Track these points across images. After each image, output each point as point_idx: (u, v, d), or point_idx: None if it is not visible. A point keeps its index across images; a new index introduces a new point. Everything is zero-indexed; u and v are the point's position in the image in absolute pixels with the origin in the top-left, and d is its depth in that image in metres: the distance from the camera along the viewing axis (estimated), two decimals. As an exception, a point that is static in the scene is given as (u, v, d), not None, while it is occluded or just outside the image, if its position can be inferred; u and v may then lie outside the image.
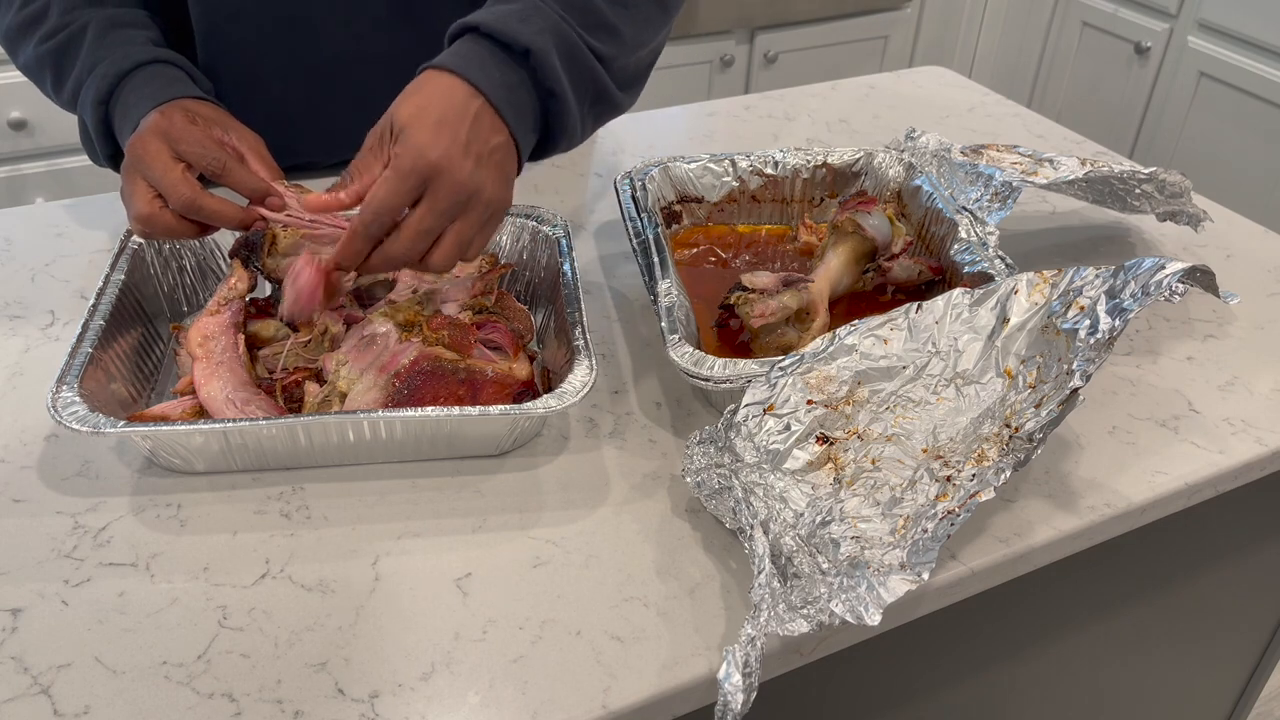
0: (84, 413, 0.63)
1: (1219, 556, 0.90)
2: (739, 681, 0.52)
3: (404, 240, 0.68)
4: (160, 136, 0.74)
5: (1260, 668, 1.09)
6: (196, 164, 0.74)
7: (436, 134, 0.67)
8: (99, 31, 0.84)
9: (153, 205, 0.73)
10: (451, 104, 0.69)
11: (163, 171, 0.72)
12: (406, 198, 0.67)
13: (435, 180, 0.67)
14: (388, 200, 0.67)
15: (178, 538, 0.63)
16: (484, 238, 0.71)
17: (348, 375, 0.69)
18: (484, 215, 0.70)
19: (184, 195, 0.72)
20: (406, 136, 0.67)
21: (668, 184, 0.92)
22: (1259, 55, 2.12)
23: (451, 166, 0.67)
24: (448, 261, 0.69)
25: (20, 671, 0.55)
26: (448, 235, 0.69)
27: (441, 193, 0.67)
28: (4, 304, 0.83)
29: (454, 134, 0.67)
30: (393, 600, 0.60)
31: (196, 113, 0.77)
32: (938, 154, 0.92)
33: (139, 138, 0.74)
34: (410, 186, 0.67)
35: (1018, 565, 0.66)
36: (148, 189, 0.73)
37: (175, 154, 0.73)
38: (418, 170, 0.66)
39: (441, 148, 0.67)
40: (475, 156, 0.68)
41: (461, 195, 0.67)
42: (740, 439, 0.65)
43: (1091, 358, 0.63)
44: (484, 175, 0.69)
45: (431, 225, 0.68)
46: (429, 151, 0.66)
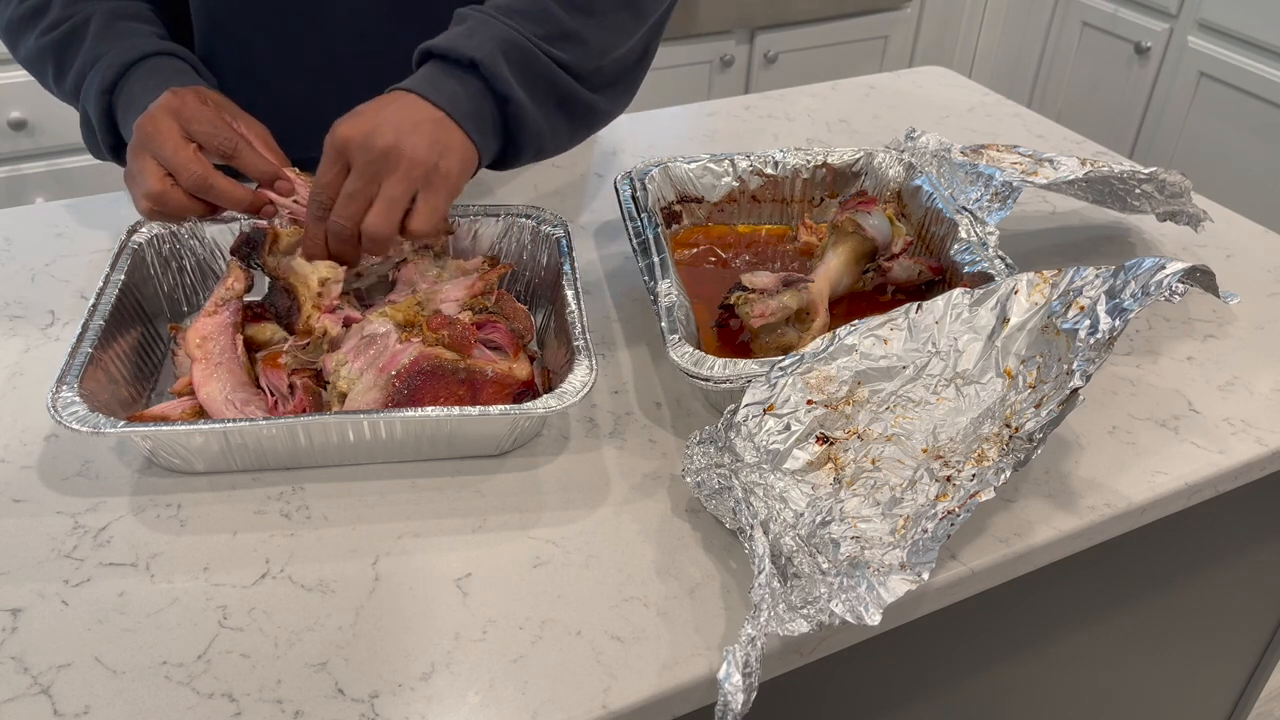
0: (84, 413, 0.63)
1: (1219, 556, 0.90)
2: (739, 681, 0.52)
3: (337, 207, 0.73)
4: (172, 115, 0.75)
5: (1260, 668, 1.09)
6: (207, 144, 0.76)
7: (357, 117, 0.73)
8: (103, 23, 0.85)
9: (164, 183, 0.75)
10: (385, 100, 0.75)
11: (174, 149, 0.75)
12: (335, 168, 0.73)
13: (348, 148, 0.72)
14: (319, 180, 0.73)
15: (178, 538, 0.63)
16: (427, 205, 0.73)
17: (348, 375, 0.69)
18: (411, 176, 0.72)
19: (195, 173, 0.75)
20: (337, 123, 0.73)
21: (668, 184, 0.92)
22: (1259, 55, 2.12)
23: (361, 132, 0.72)
24: (380, 223, 0.72)
25: (20, 671, 0.55)
26: (379, 198, 0.72)
27: (357, 157, 0.72)
28: (4, 304, 0.83)
29: (374, 114, 0.73)
30: (393, 600, 0.60)
31: (207, 96, 0.79)
32: (938, 154, 0.92)
33: (150, 116, 0.75)
34: (330, 160, 0.73)
35: (1018, 565, 0.66)
36: (157, 167, 0.75)
37: (186, 133, 0.75)
38: (334, 144, 0.72)
39: (354, 124, 0.73)
40: (393, 126, 0.72)
41: (374, 154, 0.71)
42: (740, 439, 0.65)
43: (1091, 358, 0.63)
44: (405, 140, 0.72)
45: (354, 187, 0.72)
46: (342, 124, 0.73)
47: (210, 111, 0.77)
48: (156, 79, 0.82)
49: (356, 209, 0.73)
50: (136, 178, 0.76)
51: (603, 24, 0.85)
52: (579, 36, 0.83)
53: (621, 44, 0.88)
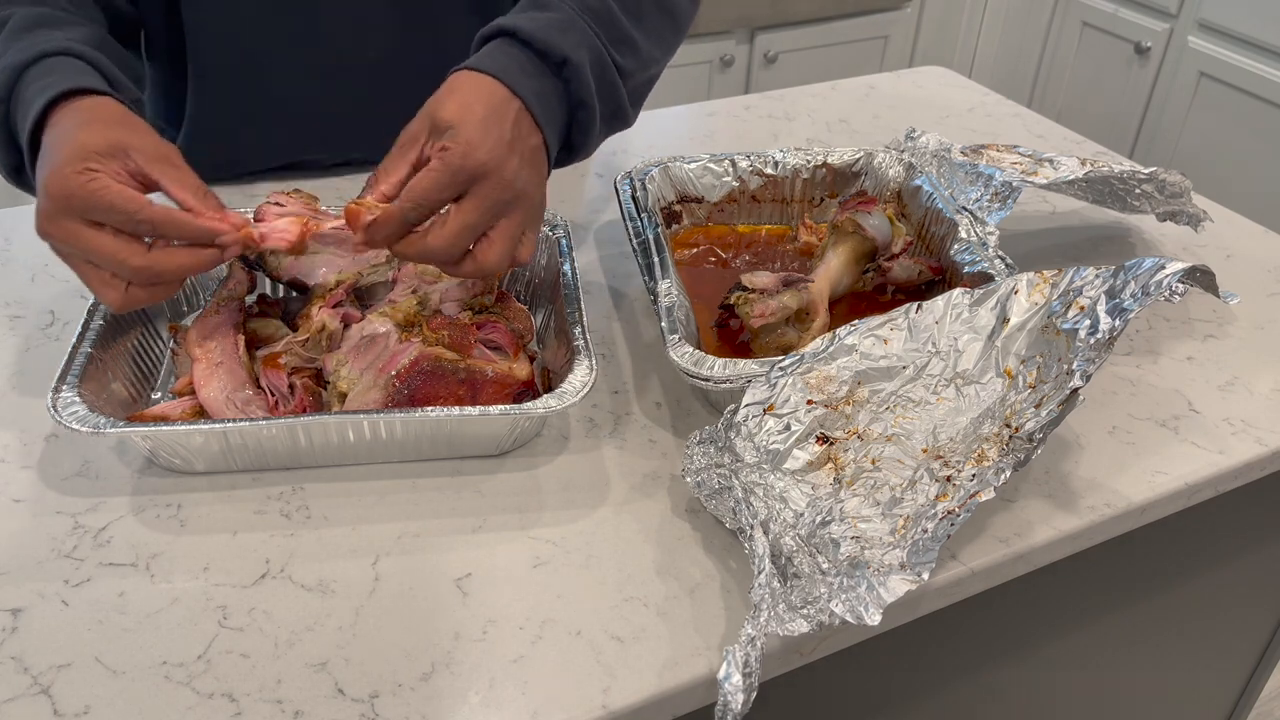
0: (84, 413, 0.63)
1: (1219, 556, 0.90)
2: (739, 681, 0.52)
3: (448, 233, 0.66)
4: (64, 212, 0.62)
5: (1260, 668, 1.09)
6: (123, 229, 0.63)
7: (484, 132, 0.66)
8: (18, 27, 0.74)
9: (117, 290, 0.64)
10: (493, 104, 0.68)
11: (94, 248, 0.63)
12: (451, 192, 0.66)
13: (483, 178, 0.66)
14: (430, 192, 0.66)
15: (178, 538, 0.63)
16: (532, 237, 0.70)
17: (348, 375, 0.69)
18: (528, 215, 0.69)
19: (134, 267, 0.63)
20: (455, 134, 0.66)
21: (668, 184, 0.92)
22: (1259, 55, 2.12)
23: (500, 165, 0.66)
24: (503, 260, 0.68)
25: (20, 671, 0.55)
26: (496, 233, 0.68)
27: (488, 189, 0.66)
28: (4, 304, 0.83)
29: (500, 133, 0.67)
30: (393, 600, 0.60)
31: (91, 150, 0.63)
32: (938, 154, 0.92)
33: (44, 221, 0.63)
34: (458, 181, 0.66)
35: (1018, 565, 0.66)
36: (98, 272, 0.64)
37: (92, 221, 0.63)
38: (467, 168, 0.65)
39: (489, 146, 0.66)
40: (520, 156, 0.68)
41: (507, 194, 0.67)
42: (740, 439, 0.65)
43: (1091, 358, 0.63)
44: (527, 175, 0.68)
45: (476, 221, 0.67)
46: (478, 149, 0.65)
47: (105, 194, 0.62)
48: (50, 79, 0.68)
49: (470, 241, 0.67)
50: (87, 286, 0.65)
51: (649, 32, 0.82)
52: (634, 44, 0.80)
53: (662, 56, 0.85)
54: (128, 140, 0.65)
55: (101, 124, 0.66)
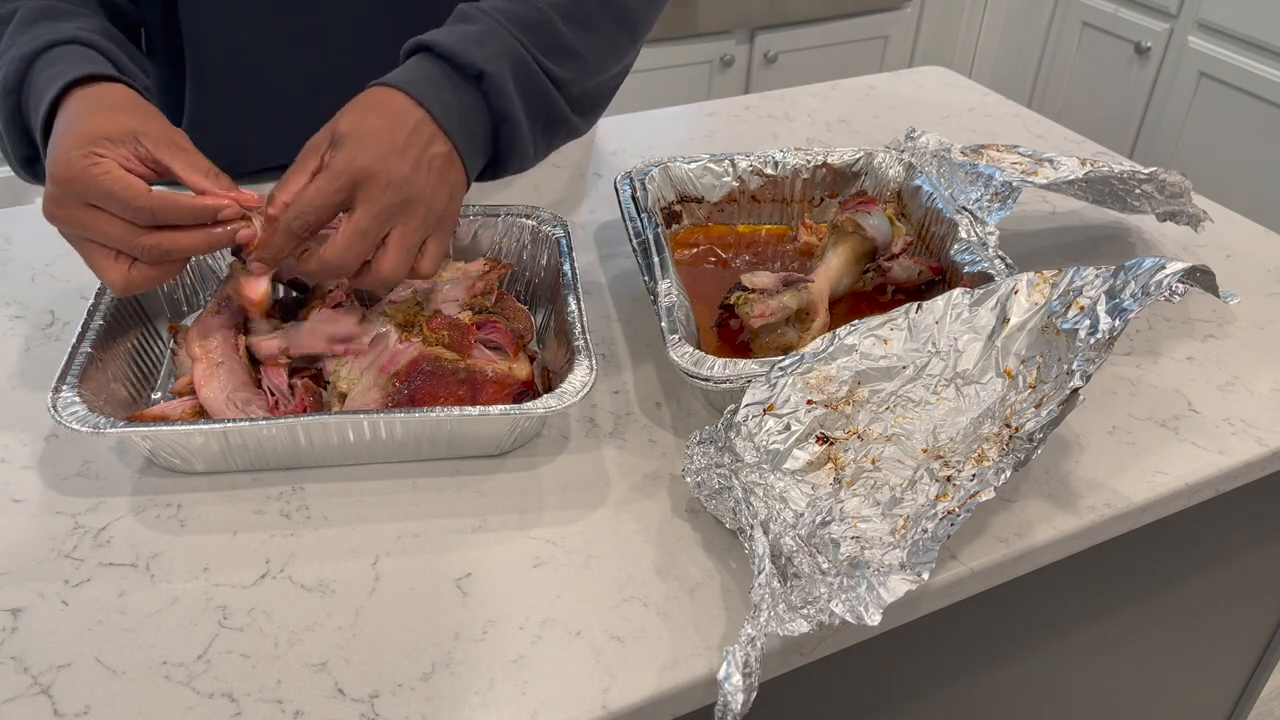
0: (84, 413, 0.63)
1: (1219, 556, 0.90)
2: (739, 681, 0.52)
3: (340, 242, 0.66)
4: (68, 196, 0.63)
5: (1260, 668, 1.09)
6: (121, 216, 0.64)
7: (374, 139, 0.66)
8: (25, 19, 0.74)
9: (120, 271, 0.65)
10: (392, 114, 0.68)
11: (101, 230, 0.63)
12: (333, 198, 0.65)
13: (367, 182, 0.65)
14: (314, 199, 0.65)
15: (178, 538, 0.63)
16: (437, 248, 0.69)
17: (348, 375, 0.69)
18: (426, 221, 0.68)
19: (143, 244, 0.64)
20: (345, 141, 0.66)
21: (668, 184, 0.92)
22: (1259, 55, 2.12)
23: (386, 169, 0.65)
24: (398, 268, 0.67)
25: (20, 671, 0.55)
26: (392, 240, 0.67)
27: (375, 193, 0.65)
28: (4, 304, 0.83)
29: (391, 139, 0.66)
30: (393, 600, 0.60)
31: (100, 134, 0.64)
32: (938, 154, 0.92)
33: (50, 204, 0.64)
34: (339, 187, 0.65)
35: (1018, 565, 0.66)
36: (103, 252, 0.65)
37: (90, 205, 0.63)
38: (350, 172, 0.65)
39: (377, 151, 0.66)
40: (413, 161, 0.67)
41: (396, 197, 0.66)
42: (740, 439, 0.65)
43: (1091, 358, 0.63)
44: (422, 180, 0.67)
45: (367, 226, 0.66)
46: (362, 154, 0.65)
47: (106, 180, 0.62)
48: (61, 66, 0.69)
49: (366, 249, 0.66)
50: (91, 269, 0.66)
51: (599, 42, 0.81)
52: (576, 54, 0.79)
53: (614, 64, 0.84)
54: (138, 125, 0.65)
55: (112, 109, 0.66)
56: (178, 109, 0.98)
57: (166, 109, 1.01)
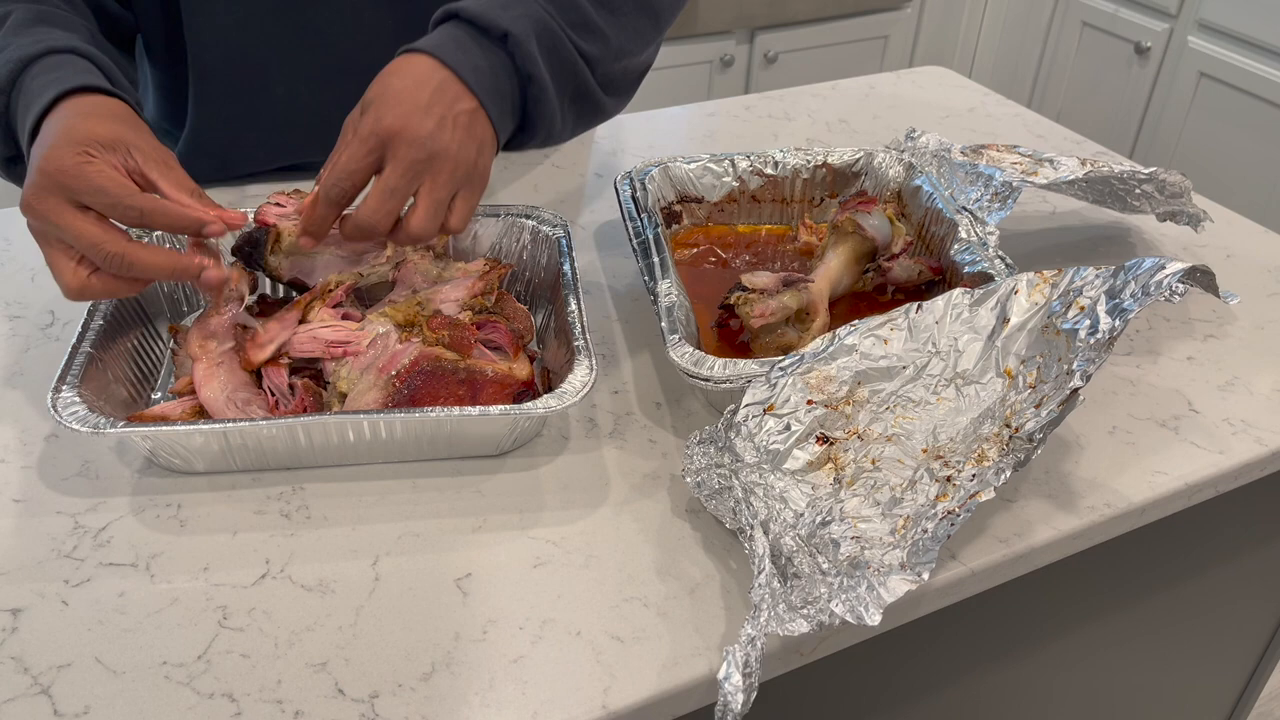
0: (84, 413, 0.63)
1: (1219, 556, 0.90)
2: (739, 681, 0.52)
3: (371, 201, 0.68)
4: (52, 189, 0.63)
5: (1260, 668, 1.09)
6: (109, 215, 0.65)
7: (398, 99, 0.68)
8: (20, 22, 0.75)
9: (78, 275, 0.65)
10: (416, 76, 0.70)
11: (72, 228, 0.63)
12: (364, 160, 0.68)
13: (394, 141, 0.67)
14: (346, 164, 0.68)
15: (178, 538, 0.63)
16: (466, 204, 0.71)
17: (348, 375, 0.69)
18: (455, 176, 0.69)
19: (109, 253, 0.63)
20: (368, 107, 0.69)
21: (668, 184, 0.92)
22: (1259, 55, 2.12)
23: (409, 125, 0.67)
24: (427, 224, 0.69)
25: (20, 671, 0.55)
26: (420, 196, 0.69)
27: (402, 151, 0.67)
28: (4, 304, 0.83)
29: (416, 98, 0.69)
30: (393, 600, 0.60)
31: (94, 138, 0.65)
32: (938, 154, 0.92)
33: (31, 195, 0.63)
34: (368, 149, 0.68)
35: (1018, 565, 0.66)
36: (65, 255, 0.64)
37: (78, 204, 0.64)
38: (376, 134, 0.67)
39: (401, 110, 0.68)
40: (437, 118, 0.69)
41: (422, 153, 0.68)
42: (740, 439, 0.65)
43: (1091, 358, 0.63)
44: (448, 135, 0.69)
45: (396, 184, 0.68)
46: (385, 116, 0.68)
47: (98, 176, 0.63)
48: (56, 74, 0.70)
49: (396, 206, 0.69)
50: (51, 268, 0.65)
51: (623, 24, 0.84)
52: (601, 32, 0.82)
53: (638, 49, 0.87)
54: (130, 137, 0.66)
55: (106, 118, 0.67)
56: (179, 112, 0.98)
57: (170, 112, 1.01)
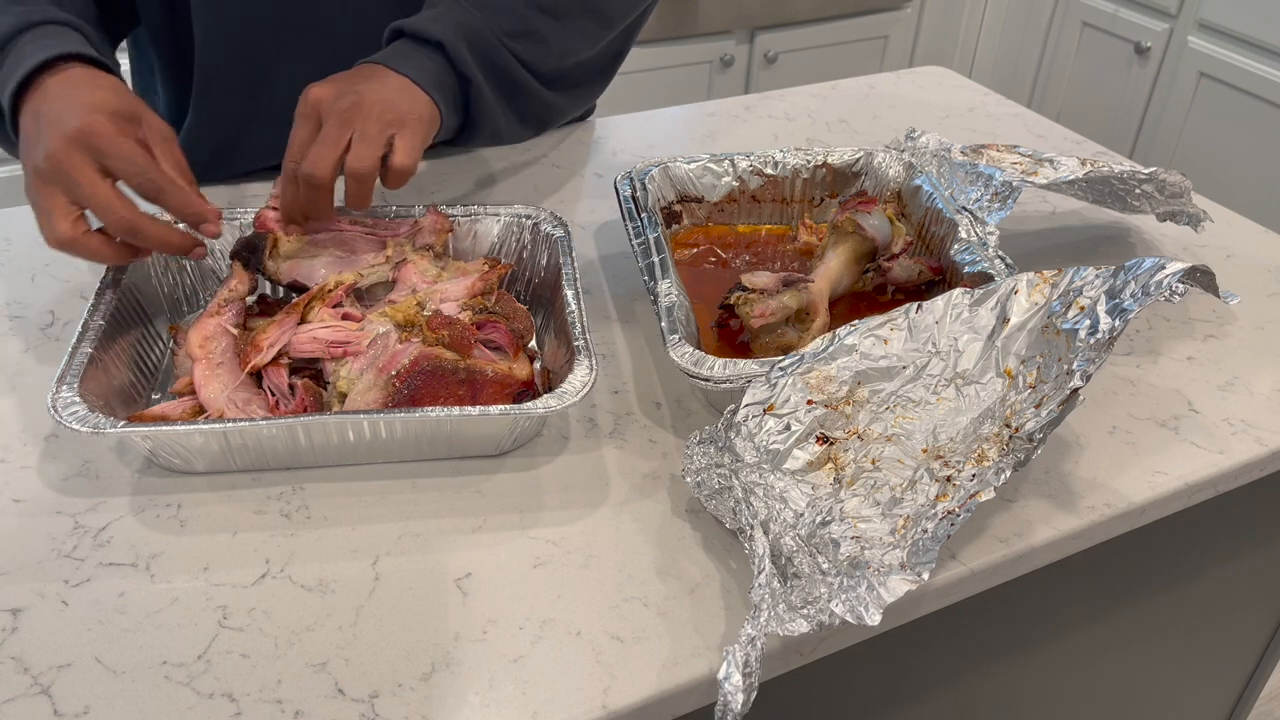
0: (84, 413, 0.63)
1: (1219, 556, 0.90)
2: (739, 681, 0.52)
3: (311, 155, 0.72)
4: (82, 147, 0.66)
5: (1260, 668, 1.09)
6: (127, 180, 0.68)
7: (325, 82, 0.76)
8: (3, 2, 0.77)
9: (75, 227, 0.68)
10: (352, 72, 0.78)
11: (91, 188, 0.66)
12: (307, 128, 0.74)
13: (321, 102, 0.74)
14: (293, 140, 0.74)
15: (178, 538, 0.63)
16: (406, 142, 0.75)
17: (348, 375, 0.69)
18: (384, 119, 0.74)
19: (121, 217, 0.67)
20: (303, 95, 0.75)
21: (668, 184, 0.92)
22: (1259, 55, 2.12)
23: (332, 86, 0.75)
24: (364, 157, 0.73)
25: (20, 671, 0.55)
26: (355, 137, 0.73)
27: (328, 110, 0.73)
28: (4, 304, 0.83)
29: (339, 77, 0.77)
30: (393, 600, 0.60)
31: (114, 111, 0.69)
32: (938, 154, 0.92)
33: (60, 145, 0.66)
34: (308, 118, 0.74)
35: (1018, 565, 0.66)
36: (68, 206, 0.67)
37: (102, 167, 0.67)
38: (307, 102, 0.74)
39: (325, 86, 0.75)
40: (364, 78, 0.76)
41: (345, 101, 0.73)
42: (740, 439, 0.65)
43: (1091, 358, 0.63)
44: (372, 86, 0.75)
45: (328, 132, 0.73)
46: (312, 89, 0.75)
47: (128, 145, 0.67)
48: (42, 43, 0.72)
49: (331, 153, 0.72)
50: (45, 214, 0.68)
51: (565, 27, 0.89)
52: (539, 35, 0.88)
53: (585, 49, 0.92)
54: (141, 112, 0.71)
55: (111, 90, 0.71)
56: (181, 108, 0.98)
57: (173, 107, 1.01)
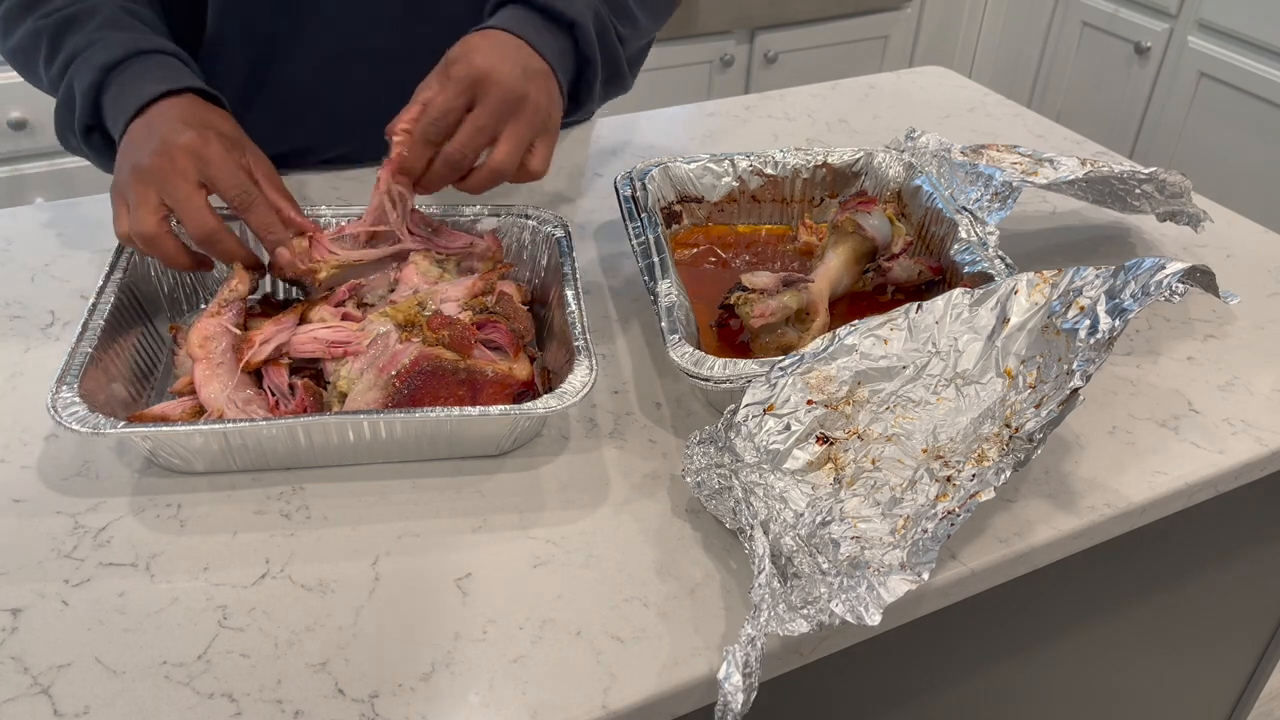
0: (84, 413, 0.63)
1: (1219, 556, 0.90)
2: (739, 681, 0.52)
3: (460, 137, 0.74)
4: (193, 156, 0.72)
5: (1260, 668, 1.09)
6: (224, 195, 0.73)
7: (483, 52, 0.75)
8: (112, 16, 0.83)
9: (161, 226, 0.72)
10: (495, 39, 0.77)
11: (188, 195, 0.71)
12: (457, 100, 0.74)
13: (484, 83, 0.74)
14: (441, 105, 0.74)
15: (178, 538, 0.63)
16: (545, 148, 0.77)
17: (348, 375, 0.69)
18: (534, 122, 0.76)
19: (207, 225, 0.72)
20: (457, 59, 0.75)
21: (668, 184, 0.92)
22: (1259, 55, 2.12)
23: (498, 69, 0.74)
24: (509, 160, 0.75)
25: (20, 671, 0.55)
26: (505, 135, 0.75)
27: (491, 93, 0.74)
28: (4, 304, 0.83)
29: (503, 52, 0.76)
30: (393, 600, 0.60)
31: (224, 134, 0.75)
32: (938, 154, 0.92)
33: (170, 151, 0.72)
34: (460, 89, 0.74)
35: (1018, 565, 0.66)
36: (159, 205, 0.72)
37: (202, 178, 0.72)
38: (470, 74, 0.74)
39: (488, 58, 0.75)
40: (521, 67, 0.76)
41: (512, 95, 0.74)
42: (740, 439, 0.65)
43: (1091, 358, 0.63)
44: (530, 85, 0.76)
45: (485, 123, 0.74)
46: (477, 60, 0.74)
47: (234, 162, 0.74)
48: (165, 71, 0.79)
49: (483, 142, 0.75)
50: (132, 208, 0.73)
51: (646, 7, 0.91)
52: (634, 16, 0.89)
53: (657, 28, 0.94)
54: (247, 143, 0.77)
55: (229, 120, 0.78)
56: None
57: None
